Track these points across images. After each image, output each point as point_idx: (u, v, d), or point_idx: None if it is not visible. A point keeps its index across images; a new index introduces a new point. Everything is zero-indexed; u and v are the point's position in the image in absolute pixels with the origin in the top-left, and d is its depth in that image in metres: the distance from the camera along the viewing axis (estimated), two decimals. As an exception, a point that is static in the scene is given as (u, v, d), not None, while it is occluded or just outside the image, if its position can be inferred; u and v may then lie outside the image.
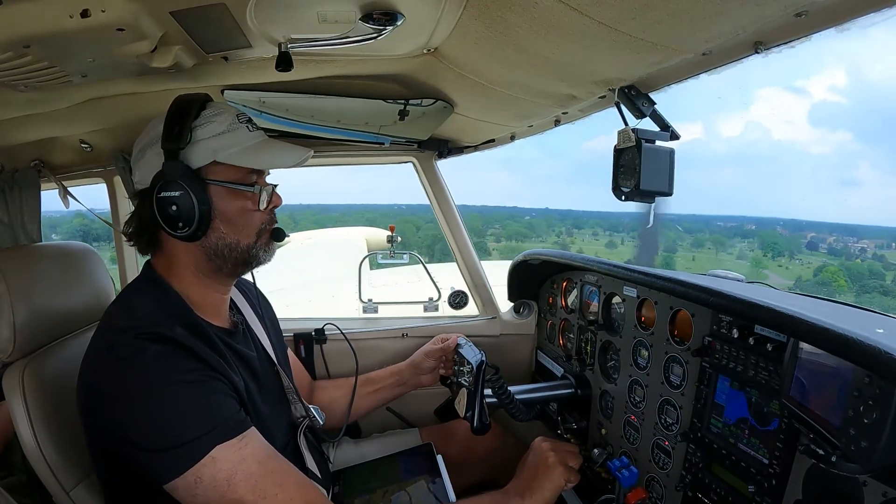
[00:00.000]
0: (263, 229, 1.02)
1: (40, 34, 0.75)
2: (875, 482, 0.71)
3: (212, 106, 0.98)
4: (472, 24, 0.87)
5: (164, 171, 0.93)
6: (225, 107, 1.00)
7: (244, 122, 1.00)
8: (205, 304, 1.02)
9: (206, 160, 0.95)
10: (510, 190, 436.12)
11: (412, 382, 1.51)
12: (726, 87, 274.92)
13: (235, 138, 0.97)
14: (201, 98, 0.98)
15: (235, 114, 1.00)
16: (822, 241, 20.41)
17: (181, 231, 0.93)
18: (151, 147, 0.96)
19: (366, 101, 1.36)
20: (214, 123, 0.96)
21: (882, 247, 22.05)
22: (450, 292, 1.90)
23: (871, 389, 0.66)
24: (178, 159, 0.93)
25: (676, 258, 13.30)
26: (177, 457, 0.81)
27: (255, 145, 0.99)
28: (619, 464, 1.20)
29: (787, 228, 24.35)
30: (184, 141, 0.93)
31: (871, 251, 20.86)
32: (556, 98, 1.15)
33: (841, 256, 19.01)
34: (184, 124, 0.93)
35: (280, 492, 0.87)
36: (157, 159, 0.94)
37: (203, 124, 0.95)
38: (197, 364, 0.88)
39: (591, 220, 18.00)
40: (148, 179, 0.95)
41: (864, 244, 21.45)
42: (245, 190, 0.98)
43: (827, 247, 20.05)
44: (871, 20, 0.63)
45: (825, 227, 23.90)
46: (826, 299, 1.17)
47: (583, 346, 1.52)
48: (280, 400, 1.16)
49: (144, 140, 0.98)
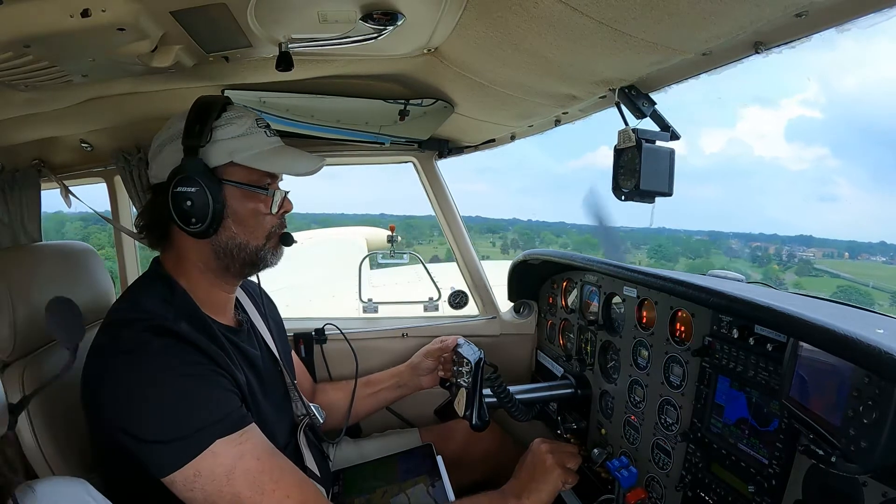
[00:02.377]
0: (273, 232, 1.04)
1: (40, 34, 0.75)
2: (875, 482, 0.71)
3: (233, 108, 1.01)
4: (472, 24, 0.87)
5: (183, 166, 0.94)
6: (245, 111, 1.03)
7: (262, 128, 1.02)
8: (211, 301, 1.03)
9: (223, 160, 0.97)
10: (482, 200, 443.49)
11: (412, 384, 1.51)
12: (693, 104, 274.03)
13: (253, 142, 1.00)
14: (223, 100, 1.01)
15: (255, 118, 1.02)
16: (745, 247, 21.11)
17: (193, 227, 0.95)
18: (171, 143, 0.98)
19: (366, 101, 1.36)
20: (234, 125, 0.98)
21: (830, 255, 22.94)
22: (450, 292, 1.90)
23: (870, 389, 0.66)
24: (197, 157, 0.95)
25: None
26: (177, 449, 0.82)
27: (271, 150, 1.02)
28: (618, 464, 1.20)
29: (738, 240, 25.04)
30: (204, 139, 0.95)
31: (816, 259, 21.86)
32: (557, 98, 1.15)
33: (756, 262, 19.72)
34: (205, 124, 0.95)
35: (277, 488, 0.88)
36: (176, 155, 0.96)
37: (223, 125, 0.97)
38: (201, 358, 0.89)
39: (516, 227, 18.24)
40: (165, 174, 0.97)
41: (812, 252, 22.35)
42: (259, 192, 1.01)
43: (749, 253, 20.77)
44: (872, 20, 0.63)
45: (779, 238, 24.86)
46: (826, 299, 1.17)
47: (583, 346, 1.52)
48: (282, 400, 1.17)
49: (164, 135, 1.00)
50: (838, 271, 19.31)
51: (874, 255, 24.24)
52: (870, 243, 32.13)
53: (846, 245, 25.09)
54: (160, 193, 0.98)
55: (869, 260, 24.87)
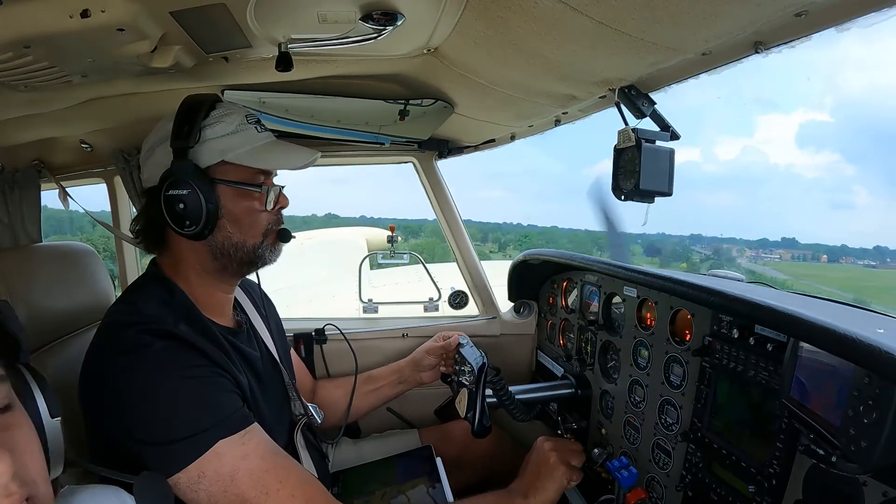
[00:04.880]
0: (270, 230, 1.03)
1: (40, 34, 0.75)
2: (875, 482, 0.71)
3: (221, 106, 0.99)
4: (472, 24, 0.87)
5: (173, 169, 0.93)
6: (234, 107, 1.01)
7: (253, 123, 1.00)
8: (209, 303, 1.02)
9: (214, 160, 0.96)
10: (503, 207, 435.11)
11: (413, 380, 1.50)
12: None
13: (244, 139, 0.98)
14: (211, 98, 0.99)
15: (245, 114, 1.00)
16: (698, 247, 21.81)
17: (188, 229, 0.94)
18: (160, 145, 0.96)
19: (366, 102, 1.36)
20: (223, 123, 0.97)
21: (803, 258, 23.56)
22: (450, 292, 1.90)
23: (870, 389, 0.66)
24: (186, 158, 0.93)
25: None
26: (180, 450, 0.82)
27: (263, 146, 1.00)
28: (618, 464, 1.20)
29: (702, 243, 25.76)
30: (193, 140, 0.93)
31: (783, 260, 22.54)
32: (557, 98, 1.15)
33: (707, 260, 20.26)
34: (193, 124, 0.93)
35: (282, 488, 0.88)
36: (166, 158, 0.94)
37: (212, 124, 0.96)
38: (202, 360, 0.89)
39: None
40: (156, 177, 0.95)
41: (780, 253, 23.04)
42: (252, 190, 0.99)
43: (700, 253, 21.34)
44: (872, 20, 0.63)
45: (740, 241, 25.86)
46: (826, 299, 1.17)
47: (583, 346, 1.51)
48: (282, 401, 1.16)
49: (153, 138, 0.99)
50: (766, 269, 19.67)
51: (860, 259, 25.01)
52: (863, 249, 32.92)
53: (826, 249, 25.87)
54: (153, 197, 0.96)
55: (854, 264, 25.64)
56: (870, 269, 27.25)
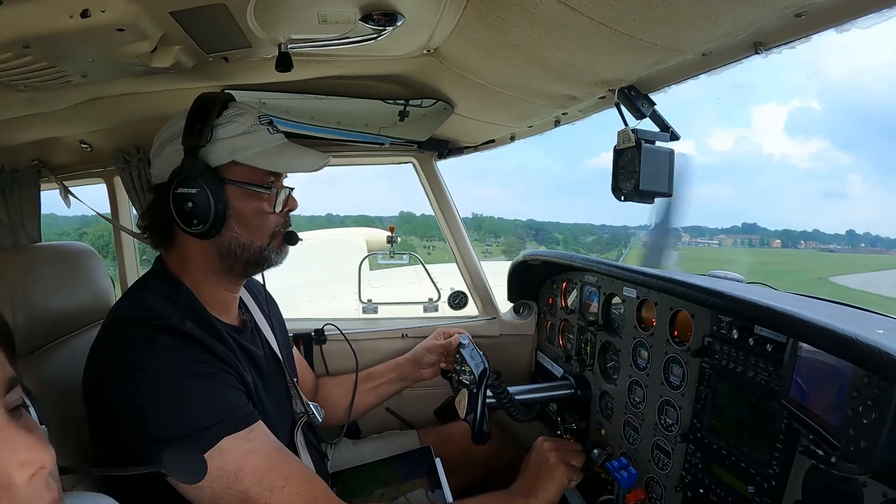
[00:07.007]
0: (277, 232, 1.03)
1: (40, 34, 0.75)
2: (875, 482, 0.70)
3: (234, 106, 0.99)
4: (472, 24, 0.87)
5: (183, 167, 0.93)
6: (247, 108, 1.01)
7: (265, 125, 1.00)
8: (215, 301, 1.02)
9: (225, 159, 0.96)
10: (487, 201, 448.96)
11: (413, 377, 1.50)
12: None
13: (255, 139, 0.98)
14: (224, 97, 0.99)
15: (257, 115, 1.00)
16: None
17: (195, 228, 0.94)
18: (172, 142, 0.96)
19: (366, 102, 1.36)
20: (235, 123, 0.96)
21: (749, 243, 24.36)
22: (450, 293, 1.90)
23: (870, 390, 0.66)
24: (197, 157, 0.93)
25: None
26: (185, 446, 0.81)
27: (274, 148, 1.00)
28: (618, 465, 1.20)
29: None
30: (204, 139, 0.93)
31: (724, 246, 23.45)
32: (556, 98, 1.15)
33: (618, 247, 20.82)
34: (205, 122, 0.93)
35: (286, 485, 0.88)
36: (177, 155, 0.94)
37: (224, 123, 0.96)
38: (207, 356, 0.89)
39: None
40: (166, 174, 0.95)
41: (720, 239, 24.00)
42: (261, 191, 0.99)
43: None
44: (871, 20, 0.63)
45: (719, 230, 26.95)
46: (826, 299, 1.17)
47: (582, 346, 1.51)
48: (284, 401, 1.16)
49: (165, 135, 0.99)
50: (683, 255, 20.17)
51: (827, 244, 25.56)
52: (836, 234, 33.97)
53: (781, 233, 26.59)
54: (162, 194, 0.97)
55: (814, 248, 26.29)
56: (826, 254, 27.87)
